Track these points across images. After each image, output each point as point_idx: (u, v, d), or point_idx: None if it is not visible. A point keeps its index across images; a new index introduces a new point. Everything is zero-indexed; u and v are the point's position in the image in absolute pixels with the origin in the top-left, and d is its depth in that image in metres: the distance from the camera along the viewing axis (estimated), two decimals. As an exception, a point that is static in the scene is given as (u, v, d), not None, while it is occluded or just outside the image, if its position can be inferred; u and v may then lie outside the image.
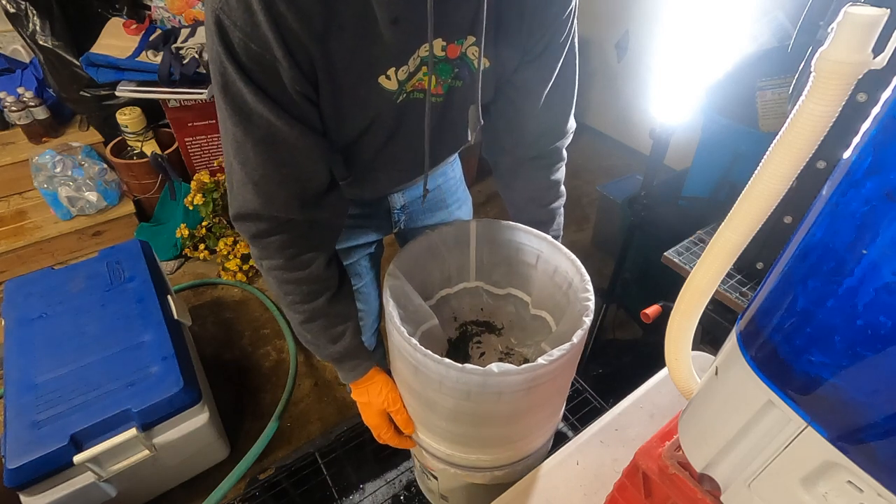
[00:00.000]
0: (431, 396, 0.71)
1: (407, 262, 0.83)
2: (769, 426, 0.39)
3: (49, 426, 1.18)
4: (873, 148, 0.30)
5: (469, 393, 0.65)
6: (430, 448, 0.82)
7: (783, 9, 1.26)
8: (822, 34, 0.88)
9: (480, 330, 0.99)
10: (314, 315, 0.75)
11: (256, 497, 1.10)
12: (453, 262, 0.93)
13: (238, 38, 0.53)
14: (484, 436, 0.76)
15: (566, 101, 0.82)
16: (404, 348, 0.68)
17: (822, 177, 0.86)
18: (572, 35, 0.75)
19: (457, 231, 0.88)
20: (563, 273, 0.84)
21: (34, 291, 1.52)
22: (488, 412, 0.70)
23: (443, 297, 0.97)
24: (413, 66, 0.64)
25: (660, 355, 0.55)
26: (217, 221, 2.23)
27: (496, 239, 0.90)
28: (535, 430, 0.81)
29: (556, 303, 0.89)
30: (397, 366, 0.77)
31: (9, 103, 2.17)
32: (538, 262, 0.88)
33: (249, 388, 1.82)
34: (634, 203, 1.56)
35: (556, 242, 0.85)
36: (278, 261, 0.69)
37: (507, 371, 0.62)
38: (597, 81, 3.14)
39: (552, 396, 0.77)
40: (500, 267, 0.94)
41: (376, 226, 1.01)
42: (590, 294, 0.75)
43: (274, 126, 0.58)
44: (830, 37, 0.32)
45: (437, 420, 0.76)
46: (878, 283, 0.30)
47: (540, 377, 0.65)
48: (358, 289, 1.08)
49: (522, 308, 0.96)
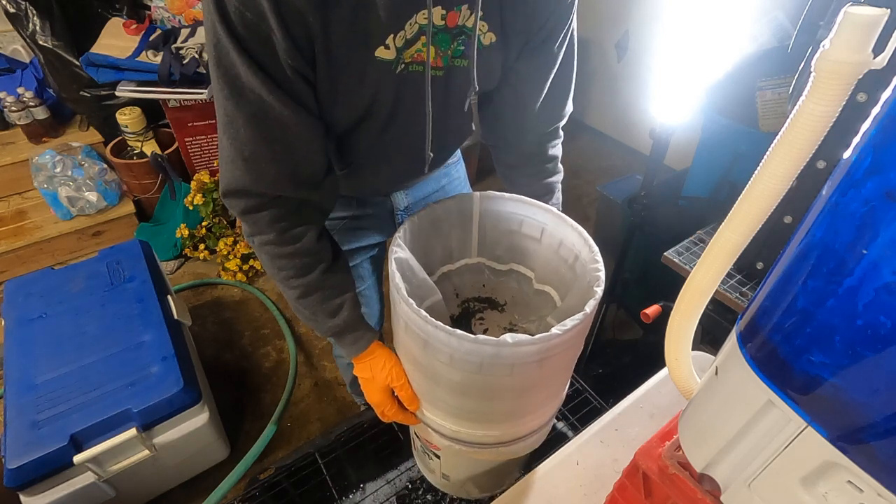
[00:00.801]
0: (439, 370, 0.69)
1: (410, 235, 0.80)
2: (769, 426, 0.39)
3: (49, 426, 1.18)
4: (873, 148, 0.30)
5: (481, 365, 0.64)
6: (435, 424, 0.80)
7: (783, 9, 1.26)
8: (822, 34, 0.88)
9: (483, 306, 0.97)
10: (309, 289, 0.74)
11: (256, 497, 1.10)
12: (455, 236, 0.91)
13: (234, 6, 0.52)
14: (492, 410, 0.75)
15: (566, 86, 0.83)
16: (414, 321, 0.65)
17: (822, 177, 0.87)
18: (573, 23, 0.75)
19: (460, 204, 0.86)
20: (568, 246, 0.82)
21: (34, 291, 1.52)
22: (498, 385, 0.68)
23: (444, 273, 0.95)
24: (410, 33, 0.62)
25: (660, 355, 0.55)
26: (217, 221, 2.23)
27: (500, 213, 0.87)
28: (542, 404, 0.79)
29: (560, 277, 0.87)
30: (403, 340, 0.74)
31: (9, 103, 2.17)
32: (543, 235, 0.86)
33: (249, 388, 1.82)
34: (634, 203, 1.56)
35: (561, 214, 0.82)
36: (269, 235, 0.69)
37: (521, 341, 0.61)
38: (597, 81, 3.14)
39: (561, 370, 0.76)
40: (502, 242, 0.92)
41: (379, 227, 1.00)
42: (599, 265, 0.72)
43: (265, 102, 0.57)
44: (830, 37, 0.32)
45: (443, 395, 0.74)
46: (878, 283, 0.30)
47: (553, 348, 0.64)
48: (360, 291, 1.07)
49: (525, 284, 0.95)
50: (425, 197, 1.01)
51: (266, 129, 0.60)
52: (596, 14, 2.92)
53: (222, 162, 0.64)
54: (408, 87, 0.67)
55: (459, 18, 0.64)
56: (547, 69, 0.77)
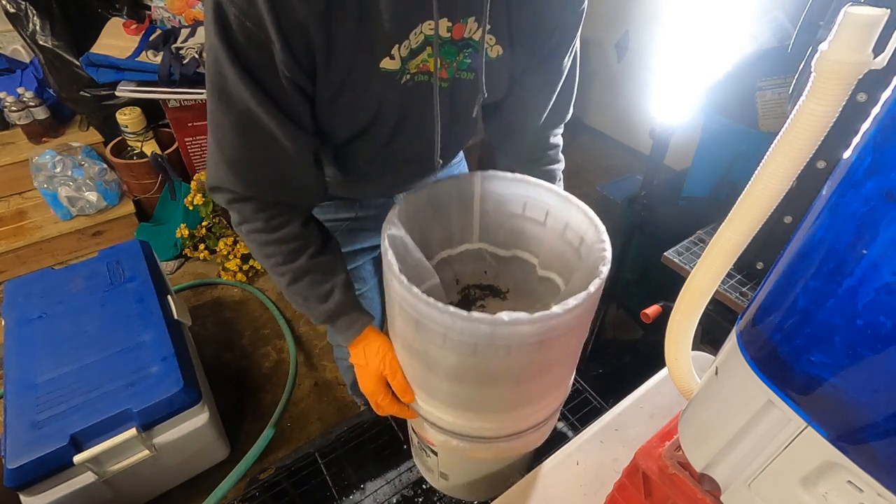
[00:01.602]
0: (433, 354, 0.66)
1: (406, 214, 0.77)
2: (769, 426, 0.39)
3: (49, 426, 1.18)
4: (873, 148, 0.30)
5: (476, 346, 0.61)
6: (431, 417, 0.78)
7: (783, 9, 1.26)
8: (822, 34, 0.88)
9: (484, 294, 0.95)
10: (298, 274, 0.73)
11: (256, 497, 1.10)
12: (456, 219, 0.87)
13: (234, 13, 0.51)
14: (488, 398, 0.71)
15: (569, 93, 0.83)
16: (405, 299, 0.62)
17: (822, 177, 0.86)
18: (578, 34, 0.76)
19: (460, 184, 0.83)
20: (574, 229, 0.78)
21: (34, 291, 1.52)
22: (495, 369, 0.65)
23: (444, 258, 0.91)
24: (415, 43, 0.61)
25: (660, 355, 0.55)
26: (217, 221, 2.23)
27: (502, 194, 0.84)
28: (543, 395, 0.75)
29: (566, 262, 0.83)
30: (396, 324, 0.72)
31: (9, 103, 2.17)
32: (547, 218, 0.83)
33: (249, 388, 1.82)
34: (634, 203, 1.56)
35: (567, 194, 0.79)
36: (256, 223, 0.69)
37: (517, 320, 0.57)
38: (597, 81, 3.14)
39: (563, 357, 0.72)
40: (505, 225, 0.88)
41: (381, 228, 1.00)
42: (606, 245, 0.70)
43: (253, 112, 0.57)
44: (830, 37, 0.32)
45: (438, 382, 0.71)
46: (878, 283, 0.30)
47: (553, 329, 0.60)
48: (362, 293, 1.07)
49: (529, 271, 0.91)
50: None
51: (251, 139, 0.60)
52: (596, 14, 2.91)
53: (209, 160, 0.65)
54: (413, 97, 0.67)
55: (465, 31, 0.64)
56: (554, 80, 0.77)
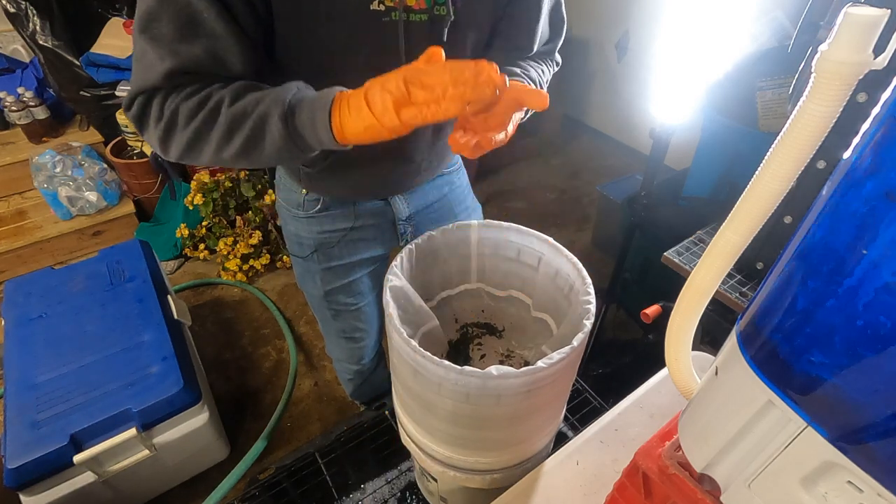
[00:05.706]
0: (431, 399, 0.71)
1: (408, 264, 0.83)
2: (769, 426, 0.39)
3: (49, 426, 1.18)
4: (873, 148, 0.30)
5: (468, 395, 0.65)
6: (429, 450, 0.82)
7: (783, 9, 1.26)
8: (822, 34, 0.88)
9: (481, 332, 0.99)
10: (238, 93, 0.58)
11: (256, 497, 1.10)
12: (454, 263, 0.93)
13: None
14: (483, 438, 0.76)
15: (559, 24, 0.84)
16: (404, 350, 0.67)
17: (822, 177, 0.87)
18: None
19: (458, 233, 0.89)
20: (564, 276, 0.84)
21: (34, 291, 1.52)
22: (487, 415, 0.70)
23: (443, 298, 0.97)
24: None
25: (660, 355, 0.55)
26: (217, 221, 2.23)
27: (498, 241, 0.90)
28: (534, 433, 0.80)
29: (557, 305, 0.88)
30: (397, 367, 0.76)
31: (9, 103, 2.17)
32: (540, 264, 0.88)
33: (249, 388, 1.82)
34: (634, 203, 1.56)
35: (557, 245, 0.84)
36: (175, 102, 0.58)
37: (505, 374, 0.62)
38: (597, 81, 3.14)
39: (552, 400, 0.77)
40: (501, 268, 0.94)
41: (381, 239, 0.99)
42: (591, 297, 0.75)
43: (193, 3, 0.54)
44: (831, 37, 0.32)
45: (436, 422, 0.76)
46: (878, 283, 0.30)
47: (539, 380, 0.65)
48: (360, 307, 1.05)
49: (524, 310, 0.96)
50: (427, 206, 0.99)
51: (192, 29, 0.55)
52: (596, 14, 2.92)
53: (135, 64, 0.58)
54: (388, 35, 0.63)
55: None
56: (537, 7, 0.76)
